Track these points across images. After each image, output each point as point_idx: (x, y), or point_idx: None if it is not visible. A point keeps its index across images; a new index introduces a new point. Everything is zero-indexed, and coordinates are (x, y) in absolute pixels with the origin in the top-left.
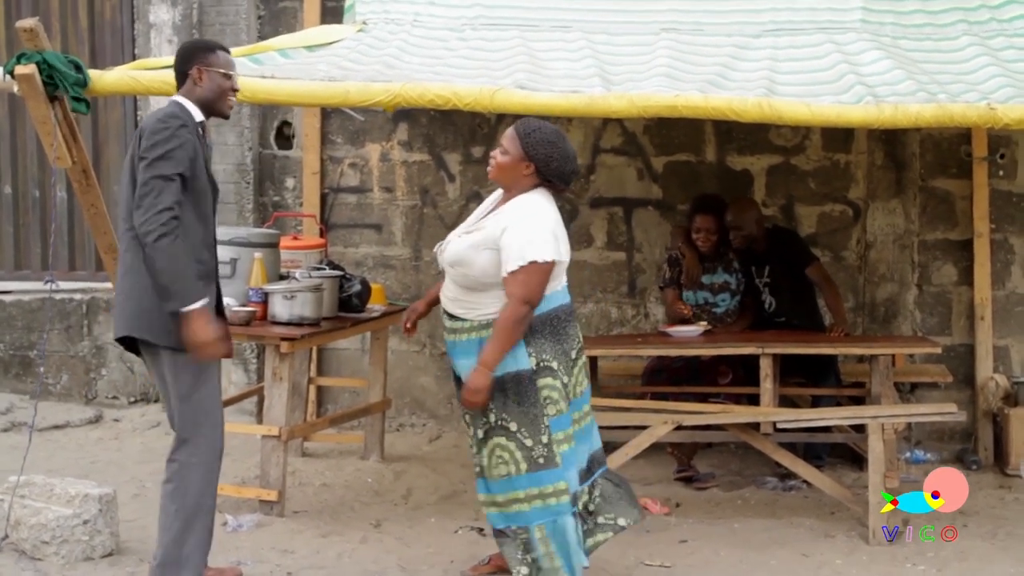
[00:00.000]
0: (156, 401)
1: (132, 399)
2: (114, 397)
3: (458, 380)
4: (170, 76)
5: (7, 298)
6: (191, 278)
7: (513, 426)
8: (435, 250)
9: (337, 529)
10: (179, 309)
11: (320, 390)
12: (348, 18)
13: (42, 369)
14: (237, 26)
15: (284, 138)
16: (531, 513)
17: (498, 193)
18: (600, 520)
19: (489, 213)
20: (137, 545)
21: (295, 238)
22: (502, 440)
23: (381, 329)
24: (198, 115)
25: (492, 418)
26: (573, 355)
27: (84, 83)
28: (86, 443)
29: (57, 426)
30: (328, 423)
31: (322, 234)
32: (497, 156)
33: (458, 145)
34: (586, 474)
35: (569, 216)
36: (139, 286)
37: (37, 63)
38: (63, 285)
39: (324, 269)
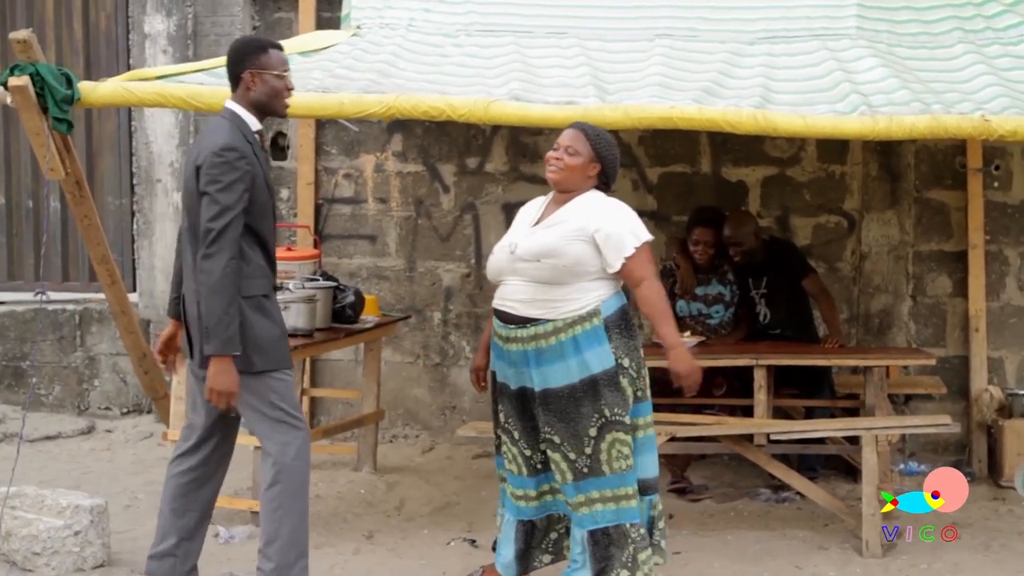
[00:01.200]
0: (149, 412)
1: (125, 410)
2: (107, 408)
3: (512, 396)
4: (165, 88)
5: (0, 308)
6: (234, 327)
7: (627, 419)
8: (496, 249)
9: (330, 540)
10: (216, 353)
11: (313, 401)
12: (344, 27)
13: (34, 380)
14: (232, 36)
15: (279, 149)
16: (633, 511)
17: (541, 200)
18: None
19: (552, 212)
20: (128, 556)
21: (289, 249)
22: (620, 435)
23: (375, 340)
24: (254, 123)
25: (607, 413)
26: (641, 352)
27: (72, 100)
28: (78, 454)
29: (49, 437)
30: (321, 434)
31: (316, 245)
32: (565, 158)
33: (453, 156)
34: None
35: None
36: None
37: (31, 75)
38: (56, 296)
39: (318, 280)
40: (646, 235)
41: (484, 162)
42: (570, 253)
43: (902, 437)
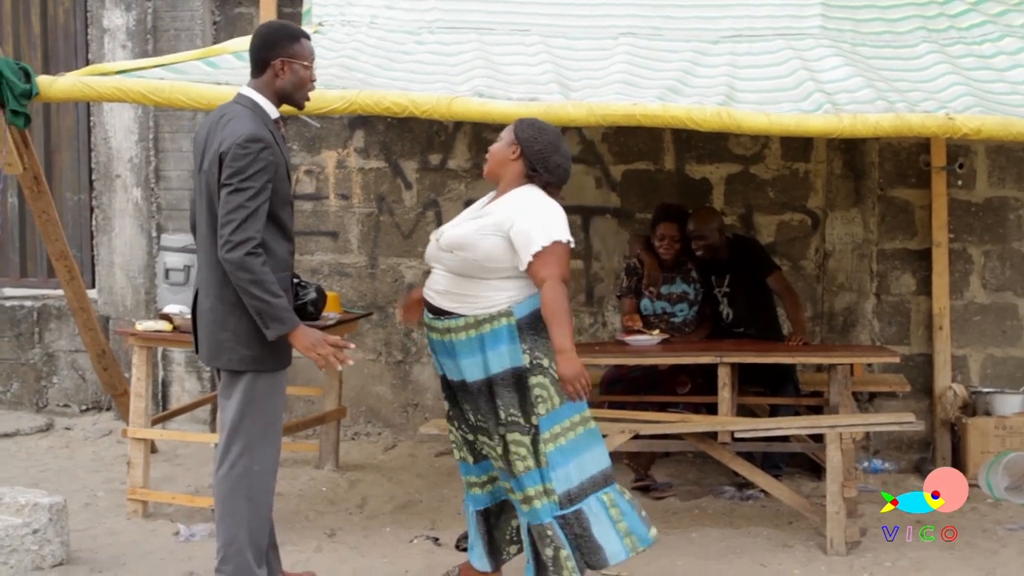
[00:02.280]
0: (108, 409)
1: (84, 407)
2: (65, 405)
3: (446, 382)
4: (124, 83)
5: None
6: (283, 301)
7: (522, 420)
8: (432, 235)
9: (291, 538)
10: (282, 333)
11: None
12: (305, 23)
13: None
14: (192, 31)
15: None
16: (540, 511)
17: (491, 195)
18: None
19: (485, 206)
20: (88, 555)
21: None
22: (516, 435)
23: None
24: (273, 111)
25: (503, 416)
26: None
27: (31, 94)
28: (36, 452)
29: (7, 434)
30: (283, 432)
31: None
32: (492, 147)
33: (415, 153)
34: (603, 481)
35: None
36: (220, 313)
37: None
38: (14, 292)
39: None
40: (561, 235)
41: (447, 159)
42: (481, 247)
43: (866, 435)
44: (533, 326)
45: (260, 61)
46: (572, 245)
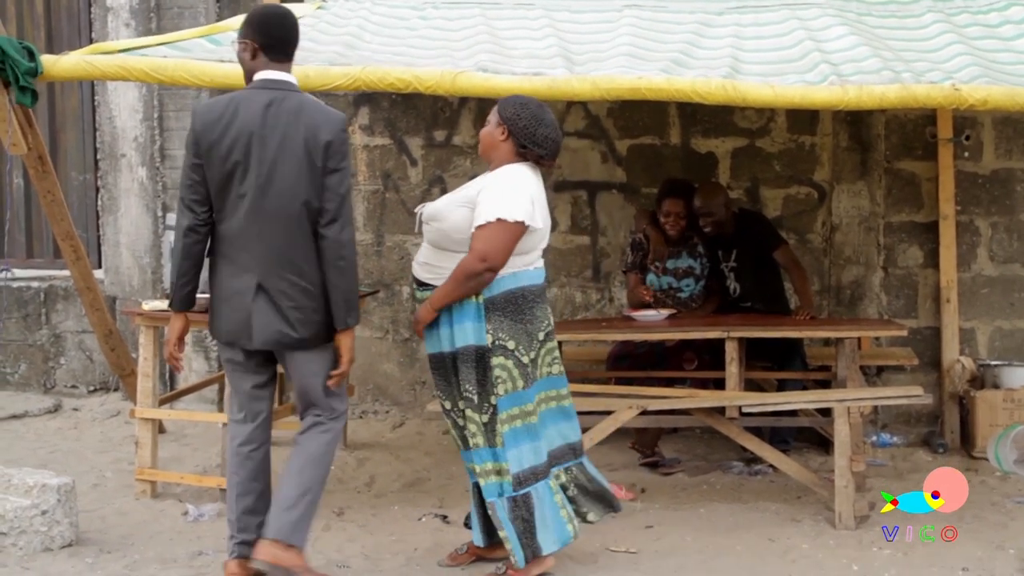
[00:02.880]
0: (116, 390)
1: (91, 388)
2: (73, 386)
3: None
4: (128, 61)
5: None
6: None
7: (476, 398)
8: (415, 210)
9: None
10: (354, 324)
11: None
12: (308, 0)
13: None
14: (195, 9)
15: None
16: (490, 487)
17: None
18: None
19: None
20: (97, 535)
21: None
22: (469, 412)
23: None
24: None
25: (460, 389)
26: (541, 336)
27: (36, 72)
28: (45, 432)
29: (15, 416)
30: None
31: None
32: (481, 130)
33: (420, 129)
34: (551, 462)
35: None
36: (300, 290)
37: None
38: (21, 273)
39: None
40: (511, 215)
41: (452, 135)
42: (450, 218)
43: (874, 409)
44: (502, 307)
45: (291, 48)
46: (533, 225)
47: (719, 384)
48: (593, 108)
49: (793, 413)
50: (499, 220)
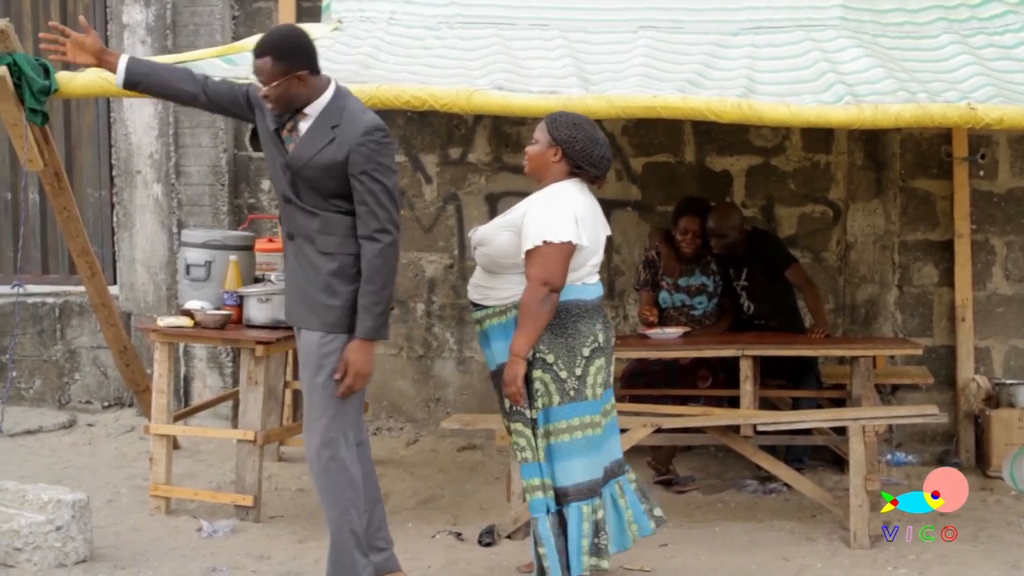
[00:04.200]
0: (130, 406)
1: (106, 403)
2: (88, 402)
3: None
4: None
5: None
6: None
7: (527, 413)
8: (468, 234)
9: (314, 534)
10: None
11: (296, 394)
12: (325, 18)
13: (13, 374)
14: (211, 27)
15: (259, 140)
16: (537, 503)
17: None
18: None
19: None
20: (111, 551)
21: (271, 240)
22: (518, 426)
23: None
24: None
25: (507, 404)
26: (585, 352)
27: (49, 91)
28: (59, 448)
29: (30, 431)
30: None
31: None
32: (528, 149)
33: (435, 147)
34: (589, 492)
35: None
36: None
37: (8, 65)
38: (36, 289)
39: None
40: (553, 236)
41: (467, 152)
42: (495, 242)
43: (889, 427)
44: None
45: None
46: (580, 243)
47: (733, 402)
48: (608, 126)
49: (808, 432)
50: (546, 243)
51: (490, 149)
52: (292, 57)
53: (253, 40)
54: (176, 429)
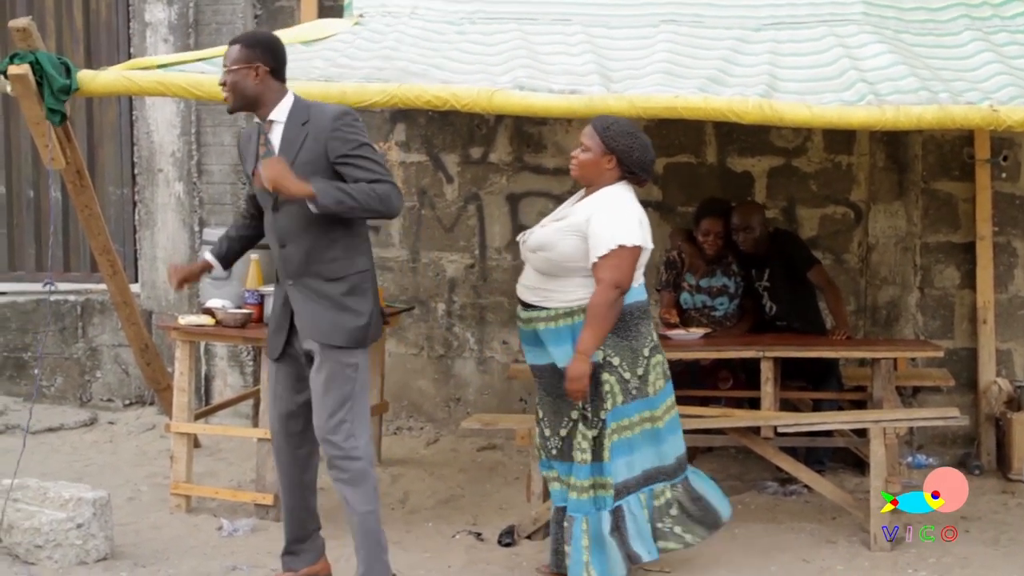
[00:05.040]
0: (151, 404)
1: (127, 402)
2: (109, 400)
3: (535, 368)
4: (166, 77)
5: (1, 299)
6: None
7: (588, 413)
8: (518, 238)
9: (334, 533)
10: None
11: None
12: (347, 14)
13: (37, 371)
14: (233, 25)
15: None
16: (582, 503)
17: (581, 193)
18: (666, 528)
19: (572, 206)
20: (131, 549)
21: None
22: (583, 428)
23: None
24: None
25: (583, 405)
26: (645, 352)
27: (70, 89)
28: (80, 446)
29: (51, 429)
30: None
31: None
32: (579, 154)
33: (456, 146)
34: (644, 480)
35: None
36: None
37: (31, 63)
38: (58, 287)
39: None
40: (626, 239)
41: (488, 152)
42: (559, 248)
43: (910, 430)
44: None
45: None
46: (646, 247)
47: (754, 403)
48: None
49: (828, 433)
50: (620, 247)
51: (511, 149)
52: (257, 49)
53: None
54: (197, 427)
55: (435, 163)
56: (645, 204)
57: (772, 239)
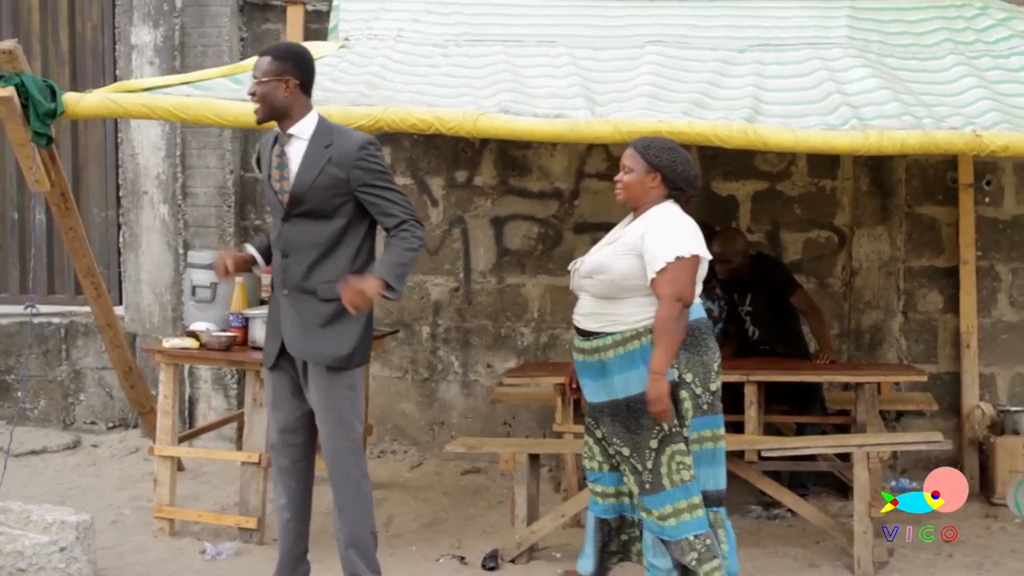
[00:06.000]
0: (135, 427)
1: (110, 424)
2: (92, 422)
3: (596, 407)
4: (151, 100)
5: None
6: None
7: (686, 432)
8: (569, 267)
9: (317, 557)
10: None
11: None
12: (332, 38)
13: (21, 394)
14: (219, 48)
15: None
16: (696, 521)
17: (629, 217)
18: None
19: (622, 229)
20: (114, 573)
21: None
22: (680, 446)
23: None
24: None
25: (666, 427)
26: (715, 368)
27: (55, 113)
28: (63, 469)
29: (34, 451)
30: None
31: None
32: (623, 177)
33: (441, 169)
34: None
35: (553, 241)
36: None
37: (16, 85)
38: (42, 309)
39: None
40: (684, 251)
41: (473, 175)
42: (616, 268)
43: (893, 454)
44: (682, 341)
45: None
46: (704, 256)
47: (737, 427)
48: (614, 150)
49: (812, 458)
50: (678, 259)
51: (496, 172)
52: (289, 62)
53: None
54: (180, 451)
55: (420, 186)
56: None
57: (754, 264)
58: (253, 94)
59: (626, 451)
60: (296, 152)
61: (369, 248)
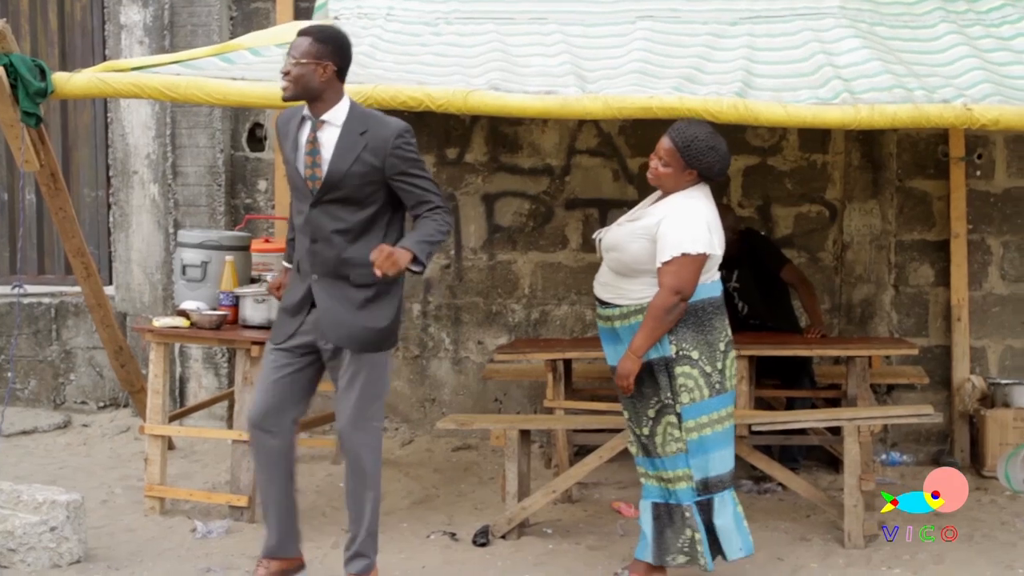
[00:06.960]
0: (125, 406)
1: (101, 404)
2: (83, 402)
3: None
4: (141, 79)
5: None
6: None
7: (675, 405)
8: (594, 236)
9: (308, 535)
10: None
11: None
12: (320, 15)
13: (11, 374)
14: (209, 27)
15: (256, 140)
16: (685, 492)
17: (658, 193)
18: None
19: (645, 207)
20: (105, 552)
21: (267, 241)
22: (672, 419)
23: None
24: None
25: (663, 396)
26: (721, 347)
27: (45, 92)
28: (54, 449)
29: (25, 432)
30: (300, 428)
31: None
32: (659, 168)
33: (432, 147)
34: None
35: (544, 218)
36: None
37: (4, 65)
38: (32, 289)
39: None
40: (695, 248)
41: (464, 152)
42: (629, 250)
43: (884, 427)
44: (683, 320)
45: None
46: (713, 253)
47: None
48: (605, 126)
49: (803, 432)
50: (684, 255)
51: (487, 149)
52: (329, 46)
53: (251, 38)
54: (171, 430)
55: None
56: (620, 204)
57: (741, 240)
58: (287, 73)
59: (626, 414)
60: (329, 138)
61: (397, 234)
